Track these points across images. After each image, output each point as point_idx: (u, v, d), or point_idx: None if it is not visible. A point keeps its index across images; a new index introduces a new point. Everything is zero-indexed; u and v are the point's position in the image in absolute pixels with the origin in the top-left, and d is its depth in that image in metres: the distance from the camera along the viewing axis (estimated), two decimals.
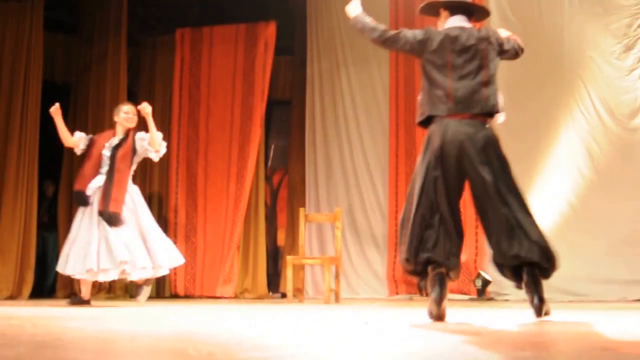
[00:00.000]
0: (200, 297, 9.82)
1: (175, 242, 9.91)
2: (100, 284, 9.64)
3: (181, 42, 10.35)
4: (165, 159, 10.16)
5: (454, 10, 4.95)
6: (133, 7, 10.04)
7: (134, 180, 7.74)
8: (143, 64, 10.68)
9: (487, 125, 4.78)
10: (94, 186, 7.37)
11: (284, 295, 9.62)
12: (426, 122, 4.85)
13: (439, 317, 4.46)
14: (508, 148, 8.98)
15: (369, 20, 5.05)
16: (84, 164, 7.60)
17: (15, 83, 9.39)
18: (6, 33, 9.45)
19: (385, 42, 4.99)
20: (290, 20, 10.77)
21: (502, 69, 9.08)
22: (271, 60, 10.03)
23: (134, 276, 7.16)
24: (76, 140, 7.73)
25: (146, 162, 10.35)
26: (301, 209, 8.80)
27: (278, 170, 12.62)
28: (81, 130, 9.90)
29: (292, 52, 10.94)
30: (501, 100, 4.85)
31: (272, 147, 12.19)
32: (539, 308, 4.58)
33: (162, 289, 10.07)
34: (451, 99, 4.73)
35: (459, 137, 4.66)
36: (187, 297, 9.87)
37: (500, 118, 4.88)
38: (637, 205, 8.78)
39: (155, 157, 7.69)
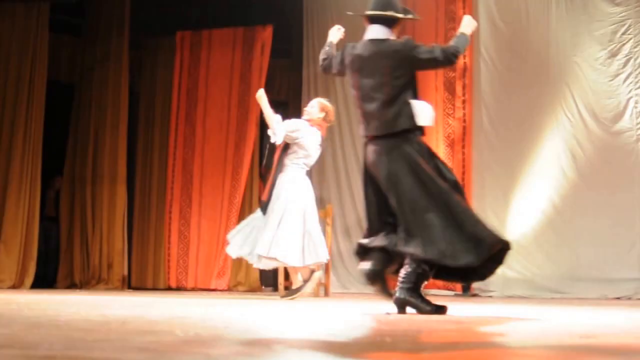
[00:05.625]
0: (193, 289, 10.12)
1: (169, 236, 10.25)
2: (99, 275, 9.98)
3: (181, 44, 10.64)
4: (163, 156, 10.50)
5: (372, 19, 4.83)
6: (135, 11, 10.30)
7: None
8: (144, 65, 10.97)
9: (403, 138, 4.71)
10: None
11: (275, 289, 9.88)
12: None
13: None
14: (494, 150, 9.39)
15: (327, 50, 5.16)
16: None
17: (21, 82, 9.70)
18: (13, 33, 9.76)
19: (324, 70, 5.17)
20: (288, 24, 11.05)
21: (490, 72, 9.52)
22: (267, 62, 10.29)
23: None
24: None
25: (146, 158, 10.71)
26: None
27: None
28: (83, 128, 10.23)
29: (288, 55, 11.23)
30: (418, 108, 4.72)
31: (267, 146, 12.39)
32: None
33: (157, 281, 10.38)
34: (363, 120, 4.79)
35: (373, 159, 4.76)
36: (179, 289, 10.17)
37: (423, 122, 4.76)
38: (618, 206, 9.05)
39: (275, 139, 7.42)
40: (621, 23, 9.32)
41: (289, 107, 11.17)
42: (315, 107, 7.48)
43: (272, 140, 7.48)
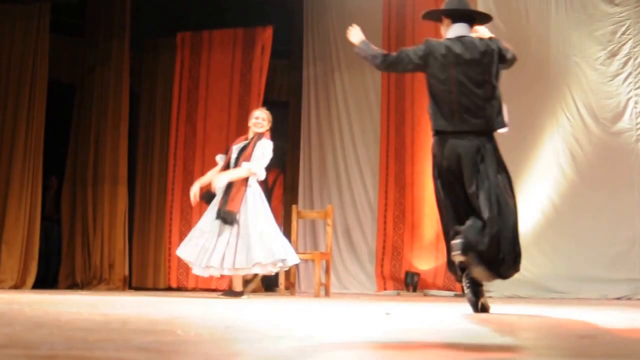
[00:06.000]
0: (194, 289, 10.15)
1: (170, 237, 10.28)
2: (101, 275, 10.02)
3: (182, 45, 10.67)
4: (164, 156, 10.55)
5: (456, 18, 4.96)
6: (136, 11, 10.34)
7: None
8: (145, 66, 11.01)
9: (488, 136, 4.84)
10: (219, 187, 7.66)
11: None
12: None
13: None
14: None
15: (371, 48, 5.07)
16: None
17: (22, 82, 9.75)
18: (15, 34, 9.82)
19: (389, 66, 5.05)
20: (288, 25, 11.09)
21: None
22: (267, 63, 10.32)
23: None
24: (221, 166, 7.88)
25: (147, 158, 10.75)
26: (294, 206, 9.14)
27: (273, 169, 12.86)
28: (84, 129, 10.30)
29: (288, 55, 11.27)
30: (505, 111, 4.92)
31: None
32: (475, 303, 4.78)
33: (157, 280, 10.42)
34: (456, 115, 4.78)
35: (457, 151, 4.77)
36: (180, 289, 10.20)
37: (504, 129, 4.98)
38: (617, 206, 9.07)
39: (260, 177, 7.78)
40: (621, 23, 9.36)
41: (289, 107, 11.22)
42: (266, 119, 7.79)
43: (258, 180, 7.75)
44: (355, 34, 5.23)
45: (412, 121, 9.91)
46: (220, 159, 7.93)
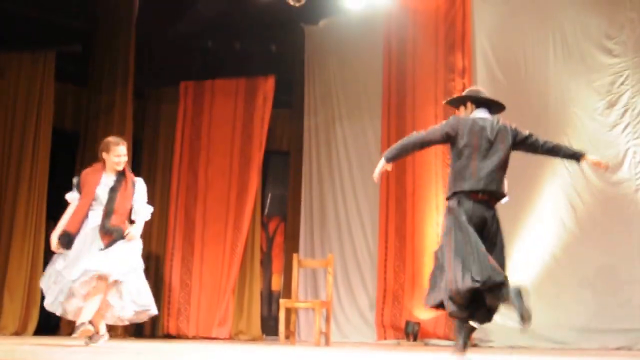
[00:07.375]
0: (194, 337, 10.14)
1: (170, 284, 10.30)
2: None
3: (184, 94, 10.82)
4: (165, 203, 10.60)
5: (478, 104, 5.89)
6: (140, 60, 10.49)
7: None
8: (148, 114, 11.13)
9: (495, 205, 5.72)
10: (91, 226, 6.90)
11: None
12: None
13: None
14: None
15: (398, 145, 5.77)
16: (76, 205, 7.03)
17: (27, 129, 9.86)
18: (20, 82, 9.96)
19: (424, 139, 5.74)
20: (289, 75, 11.23)
21: None
22: (269, 112, 10.47)
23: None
24: (74, 204, 7.09)
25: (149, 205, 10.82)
26: (295, 255, 9.16)
27: (274, 218, 12.96)
28: None
29: (290, 105, 11.40)
30: (505, 184, 5.76)
31: (269, 195, 12.58)
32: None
33: (154, 328, 10.39)
34: (474, 177, 5.58)
35: (478, 214, 5.58)
36: (180, 337, 10.19)
37: (505, 200, 5.81)
38: (618, 257, 9.05)
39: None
40: (619, 74, 9.43)
41: (291, 156, 11.31)
42: (126, 154, 7.11)
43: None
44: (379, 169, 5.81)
45: (413, 171, 9.94)
46: (72, 198, 7.13)
